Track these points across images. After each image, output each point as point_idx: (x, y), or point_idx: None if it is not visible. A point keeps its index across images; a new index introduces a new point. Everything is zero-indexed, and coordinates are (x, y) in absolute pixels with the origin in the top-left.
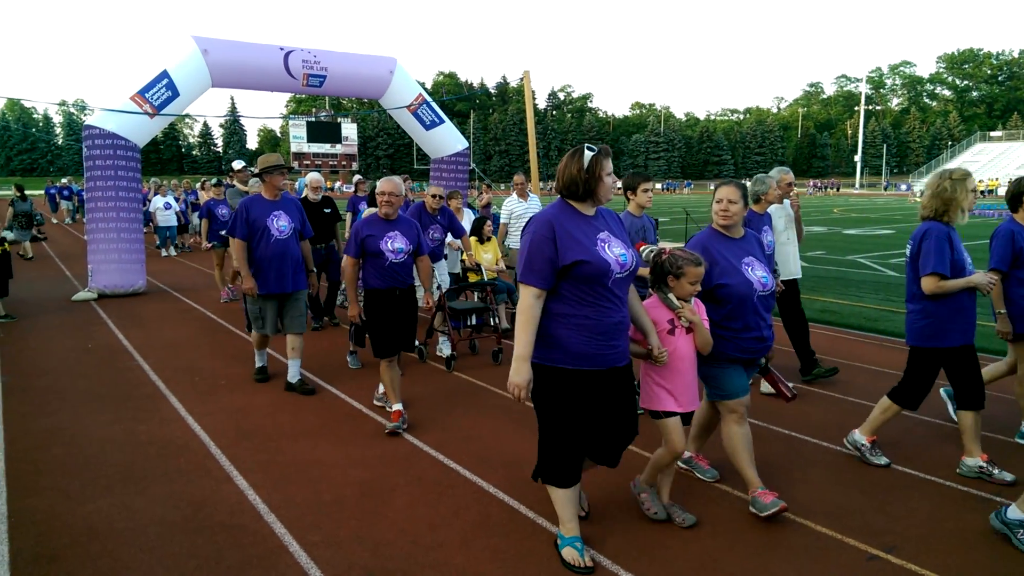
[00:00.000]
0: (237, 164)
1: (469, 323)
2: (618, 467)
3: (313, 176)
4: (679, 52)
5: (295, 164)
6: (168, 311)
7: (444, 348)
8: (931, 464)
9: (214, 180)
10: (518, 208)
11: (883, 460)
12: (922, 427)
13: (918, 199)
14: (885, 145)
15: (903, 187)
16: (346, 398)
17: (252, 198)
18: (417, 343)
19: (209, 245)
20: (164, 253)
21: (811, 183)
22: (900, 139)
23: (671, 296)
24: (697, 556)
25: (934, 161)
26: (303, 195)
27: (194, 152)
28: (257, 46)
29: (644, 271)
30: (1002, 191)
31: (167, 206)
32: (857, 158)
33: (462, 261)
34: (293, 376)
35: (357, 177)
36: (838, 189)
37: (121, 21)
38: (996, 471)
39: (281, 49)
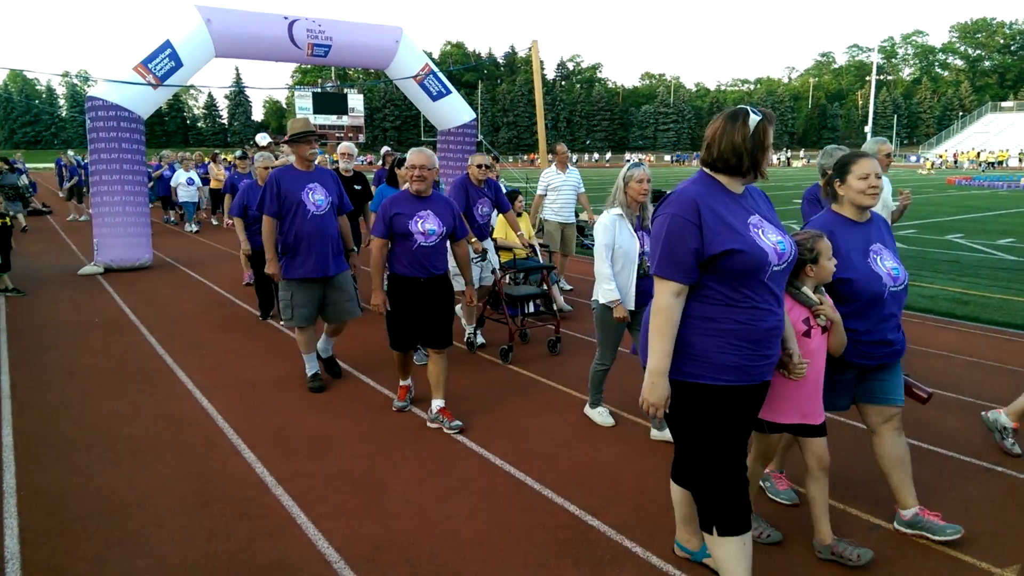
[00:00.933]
0: (262, 138)
1: (527, 310)
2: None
3: (345, 145)
4: (690, 21)
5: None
6: (175, 285)
7: (477, 337)
8: (936, 435)
9: (239, 152)
10: (556, 180)
11: (1017, 450)
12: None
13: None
14: (896, 115)
15: (912, 158)
16: (355, 372)
17: (283, 169)
18: (469, 332)
19: (231, 222)
20: (188, 228)
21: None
22: (911, 110)
23: (805, 290)
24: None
25: (944, 132)
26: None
27: (199, 124)
28: (261, 15)
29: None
30: (1013, 163)
31: (190, 181)
32: (867, 129)
33: (493, 240)
34: (324, 351)
35: (385, 149)
36: None
37: None
38: None
39: (285, 18)
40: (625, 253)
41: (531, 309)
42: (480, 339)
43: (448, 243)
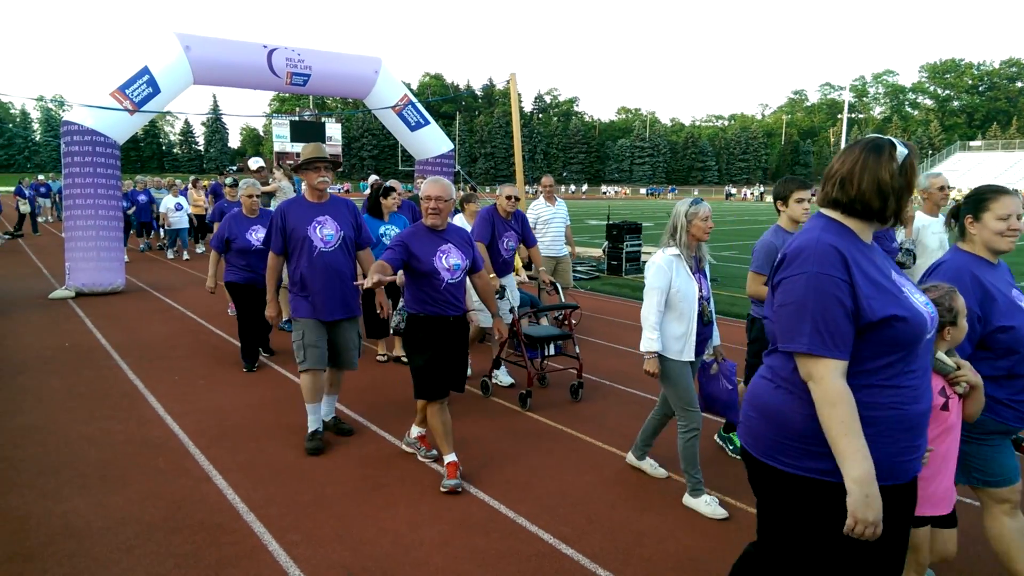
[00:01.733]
0: (254, 163)
1: (547, 352)
2: None
3: (373, 179)
4: (665, 58)
5: (255, 162)
6: (147, 310)
7: (503, 377)
8: None
9: (229, 180)
10: (546, 212)
11: None
12: None
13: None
14: None
15: None
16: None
17: (291, 201)
18: (486, 376)
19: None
20: (171, 255)
21: None
22: None
23: (941, 356)
24: (674, 554)
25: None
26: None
27: (175, 150)
28: (240, 44)
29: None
30: None
31: (178, 207)
32: None
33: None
34: (327, 414)
35: (373, 178)
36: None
37: (102, 16)
38: None
39: (265, 47)
40: (684, 297)
41: (552, 351)
42: (508, 378)
43: (468, 276)
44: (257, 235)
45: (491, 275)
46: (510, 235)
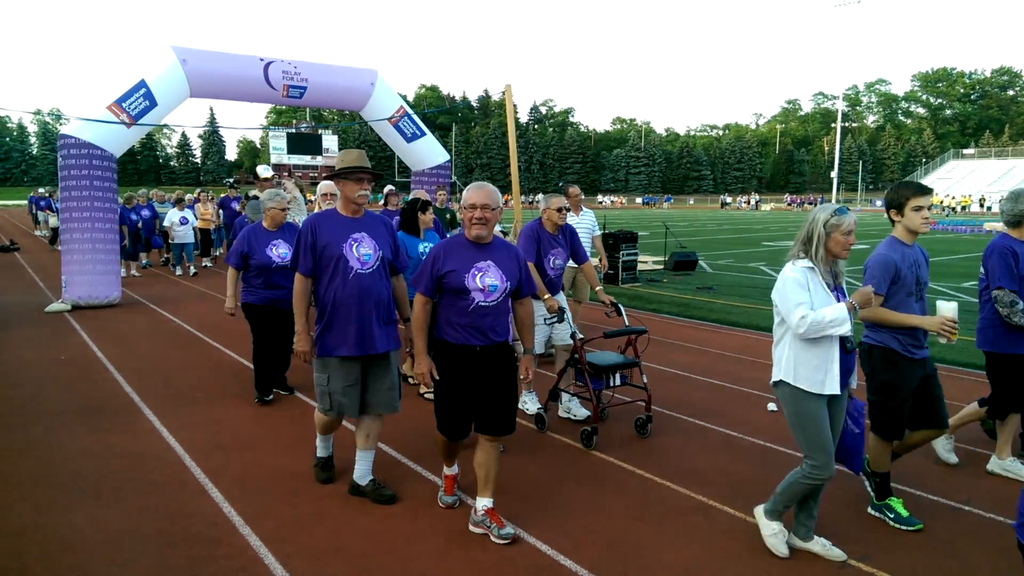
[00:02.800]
0: (264, 171)
1: (612, 383)
2: None
3: (327, 184)
4: (660, 68)
5: (230, 178)
6: (144, 323)
7: (529, 404)
8: (903, 474)
9: (252, 192)
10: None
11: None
12: None
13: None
14: (861, 161)
15: (877, 203)
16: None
17: (322, 214)
18: (538, 407)
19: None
20: (179, 272)
21: (788, 198)
22: (876, 156)
23: None
24: (672, 565)
25: (908, 178)
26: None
27: (172, 163)
28: (237, 56)
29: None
30: (974, 208)
31: (183, 221)
32: (833, 174)
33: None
34: (363, 476)
35: (389, 188)
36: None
37: (99, 30)
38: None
39: (261, 60)
40: None
41: (617, 381)
42: (583, 411)
43: (510, 301)
44: (279, 251)
45: (546, 295)
46: (557, 252)
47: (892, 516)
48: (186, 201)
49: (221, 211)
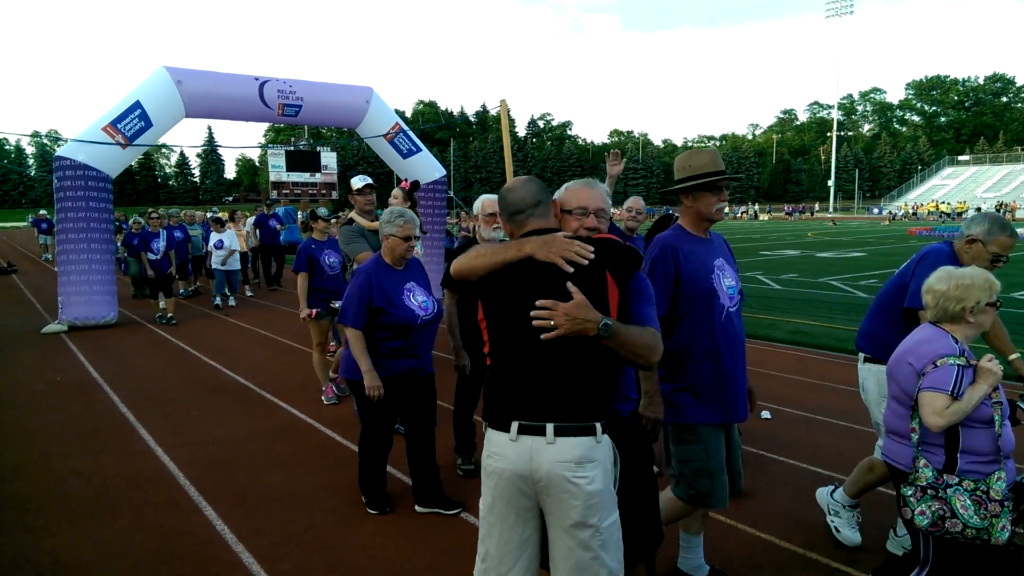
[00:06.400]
0: (358, 181)
1: None
2: None
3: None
4: (656, 81)
5: (274, 193)
6: (140, 342)
7: None
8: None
9: (323, 210)
10: None
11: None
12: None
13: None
14: (857, 170)
15: (874, 211)
16: (321, 427)
17: (677, 234)
18: None
19: (310, 313)
20: (218, 301)
21: (786, 207)
22: (872, 164)
23: None
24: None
25: (905, 185)
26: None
27: (171, 183)
28: (231, 76)
29: None
30: (970, 214)
31: (219, 244)
32: (830, 183)
33: None
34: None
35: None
36: (812, 214)
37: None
38: None
39: (256, 79)
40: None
41: None
42: None
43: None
44: (417, 299)
45: None
46: None
47: None
48: (235, 223)
49: (257, 230)
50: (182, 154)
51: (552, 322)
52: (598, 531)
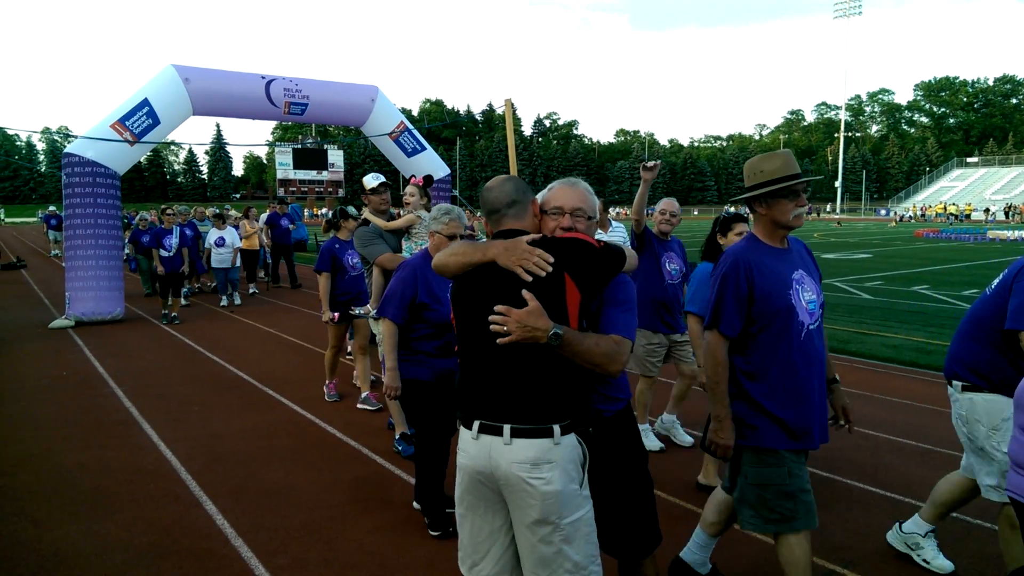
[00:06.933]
0: (371, 180)
1: None
2: None
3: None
4: (663, 80)
5: (280, 191)
6: (146, 338)
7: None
8: (890, 481)
9: (350, 208)
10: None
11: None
12: (883, 444)
13: None
14: (865, 171)
15: (882, 212)
16: (321, 423)
17: (749, 245)
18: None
19: (333, 317)
20: (224, 302)
21: None
22: (880, 165)
23: None
24: None
25: (912, 187)
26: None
27: (179, 179)
28: (238, 75)
29: None
30: (976, 216)
31: (220, 241)
32: (837, 184)
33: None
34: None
35: (413, 188)
36: (819, 215)
37: (105, 48)
38: None
39: (263, 78)
40: None
41: None
42: (685, 437)
43: None
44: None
45: None
46: (670, 256)
47: None
48: (235, 218)
49: (269, 229)
50: (190, 151)
51: (506, 327)
52: (558, 528)
